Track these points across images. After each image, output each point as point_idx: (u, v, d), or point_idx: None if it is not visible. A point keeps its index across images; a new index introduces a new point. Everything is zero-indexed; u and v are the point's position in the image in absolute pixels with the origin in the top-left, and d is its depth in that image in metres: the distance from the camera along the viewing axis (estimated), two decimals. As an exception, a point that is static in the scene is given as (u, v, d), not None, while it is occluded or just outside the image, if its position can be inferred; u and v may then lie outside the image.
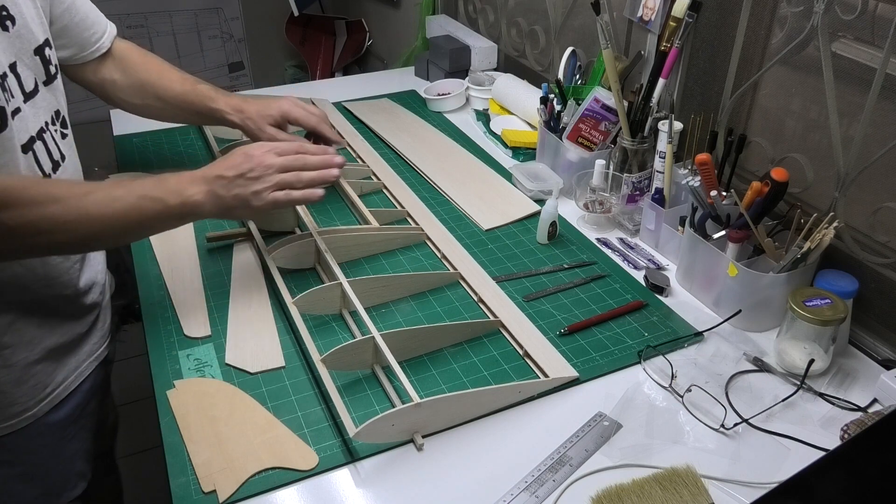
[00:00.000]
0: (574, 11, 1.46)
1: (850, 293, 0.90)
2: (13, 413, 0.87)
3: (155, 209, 0.83)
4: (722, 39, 1.11)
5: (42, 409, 0.90)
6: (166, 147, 1.39)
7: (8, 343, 0.85)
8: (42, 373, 0.89)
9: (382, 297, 0.99)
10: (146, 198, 0.83)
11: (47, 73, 0.88)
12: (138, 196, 0.82)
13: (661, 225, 1.10)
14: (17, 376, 0.86)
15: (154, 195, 0.83)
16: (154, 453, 0.84)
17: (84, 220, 0.79)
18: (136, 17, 2.46)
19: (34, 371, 0.88)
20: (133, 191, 0.83)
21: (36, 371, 0.88)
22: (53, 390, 0.91)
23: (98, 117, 2.38)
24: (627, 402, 0.85)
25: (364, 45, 2.52)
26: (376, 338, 0.85)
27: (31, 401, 0.89)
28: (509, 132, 1.42)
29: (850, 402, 0.85)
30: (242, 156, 0.89)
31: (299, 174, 0.91)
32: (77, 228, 0.79)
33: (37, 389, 0.89)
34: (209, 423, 0.80)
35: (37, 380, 0.89)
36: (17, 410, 0.88)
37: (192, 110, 1.16)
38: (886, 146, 0.89)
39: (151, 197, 0.83)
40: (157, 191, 0.84)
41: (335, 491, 0.74)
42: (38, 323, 0.88)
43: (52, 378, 0.91)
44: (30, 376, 0.88)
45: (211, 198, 0.86)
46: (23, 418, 0.88)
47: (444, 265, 1.07)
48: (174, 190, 0.85)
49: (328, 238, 1.03)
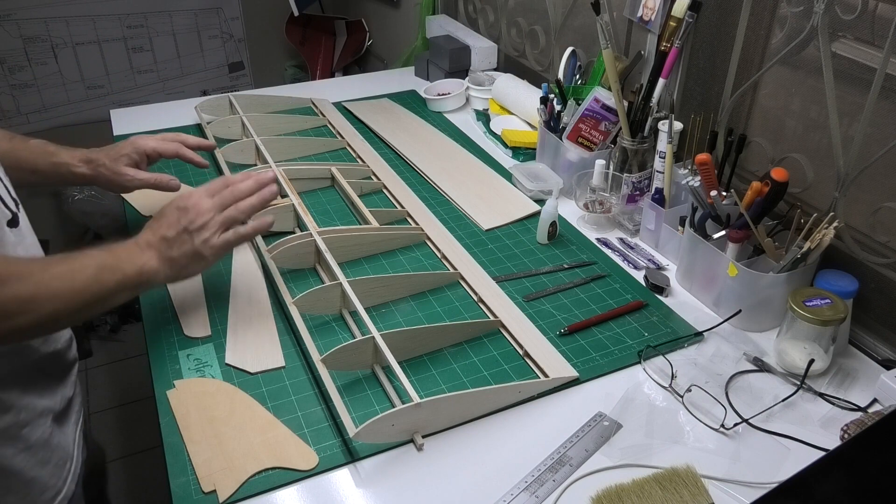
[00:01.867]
0: (574, 11, 1.46)
1: (850, 293, 0.90)
2: (47, 499, 0.82)
3: (114, 280, 0.78)
4: (722, 39, 1.11)
5: (70, 487, 0.85)
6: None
7: (25, 420, 0.79)
8: (59, 448, 0.84)
9: (382, 297, 0.99)
10: (105, 268, 0.78)
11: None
12: (97, 267, 0.77)
13: (661, 225, 1.10)
14: (40, 457, 0.81)
15: (112, 266, 0.78)
16: (154, 453, 0.84)
17: (48, 297, 0.73)
18: (136, 17, 2.45)
19: (52, 446, 0.83)
20: (88, 263, 0.77)
21: (53, 446, 0.83)
22: (73, 464, 0.87)
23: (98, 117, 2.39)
24: (627, 402, 0.85)
25: (364, 45, 2.52)
26: (376, 338, 0.85)
27: (59, 480, 0.84)
28: (509, 132, 1.42)
29: (850, 402, 0.85)
30: (176, 210, 0.85)
31: (238, 206, 0.88)
32: (42, 308, 0.72)
33: (58, 467, 0.84)
34: (209, 423, 0.80)
35: (57, 456, 0.84)
36: (49, 496, 0.82)
37: (28, 169, 0.98)
38: (886, 146, 0.89)
39: (110, 267, 0.78)
40: (113, 261, 0.79)
41: (335, 491, 0.74)
42: (39, 391, 0.82)
43: (66, 451, 0.86)
44: (50, 453, 0.82)
45: (163, 262, 0.82)
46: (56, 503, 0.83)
47: (444, 265, 1.08)
48: (128, 259, 0.80)
49: (328, 238, 1.03)
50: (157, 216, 0.86)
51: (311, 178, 1.25)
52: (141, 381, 2.07)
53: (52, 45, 2.39)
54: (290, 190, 1.15)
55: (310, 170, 1.25)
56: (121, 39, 2.47)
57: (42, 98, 2.43)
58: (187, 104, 1.53)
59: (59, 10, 2.35)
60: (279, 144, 1.33)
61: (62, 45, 2.40)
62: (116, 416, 2.09)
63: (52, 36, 2.37)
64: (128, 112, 1.56)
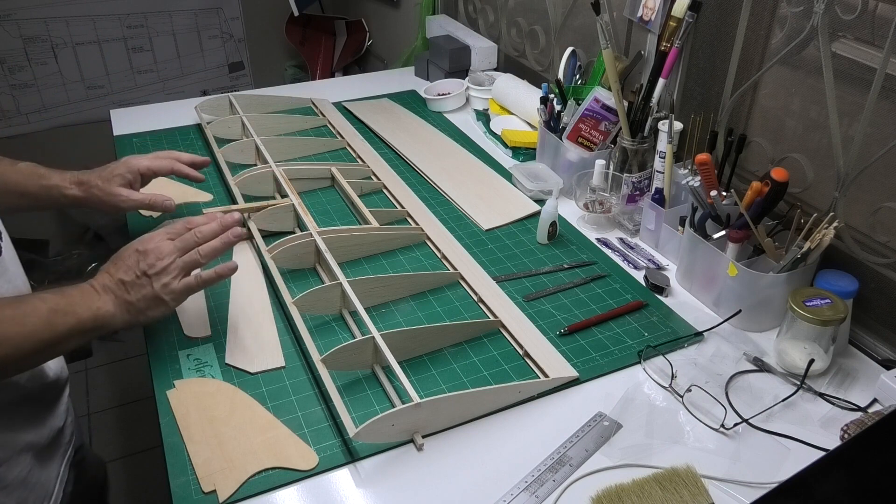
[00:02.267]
0: (574, 11, 1.46)
1: (850, 293, 0.90)
2: None
3: (67, 324, 0.75)
4: (722, 39, 1.11)
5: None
6: (166, 147, 1.39)
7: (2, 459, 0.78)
8: (37, 486, 0.83)
9: (382, 297, 0.99)
10: (57, 312, 0.75)
11: None
12: (49, 310, 0.74)
13: (661, 225, 1.10)
14: (16, 496, 0.79)
15: (64, 309, 0.75)
16: (154, 453, 0.84)
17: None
18: (136, 17, 2.45)
19: (31, 485, 0.81)
20: (39, 307, 0.74)
21: (32, 484, 0.82)
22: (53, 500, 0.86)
23: (98, 117, 2.39)
24: (627, 402, 0.85)
25: (364, 45, 2.52)
26: (376, 338, 0.85)
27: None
28: (509, 132, 1.42)
29: (850, 402, 0.85)
30: (135, 253, 0.83)
31: (200, 250, 0.85)
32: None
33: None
34: (209, 423, 0.80)
35: (35, 495, 0.82)
36: None
37: (16, 192, 0.97)
38: (886, 146, 0.89)
39: (63, 311, 0.75)
40: (66, 304, 0.76)
41: (335, 491, 0.74)
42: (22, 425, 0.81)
43: (45, 489, 0.85)
44: (27, 492, 0.81)
45: (120, 306, 0.79)
46: None
47: (444, 265, 1.08)
48: (81, 303, 0.77)
49: (328, 238, 1.03)
50: (114, 259, 0.84)
51: (311, 179, 1.25)
52: (141, 381, 2.07)
53: (52, 45, 2.39)
54: (290, 190, 1.15)
55: (310, 170, 1.25)
56: (121, 39, 2.47)
57: (42, 98, 2.43)
58: (187, 104, 1.53)
59: (59, 10, 2.35)
60: (279, 144, 1.33)
61: (62, 45, 2.40)
62: (116, 416, 2.09)
63: (52, 36, 2.38)
64: (128, 112, 1.56)
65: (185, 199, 1.21)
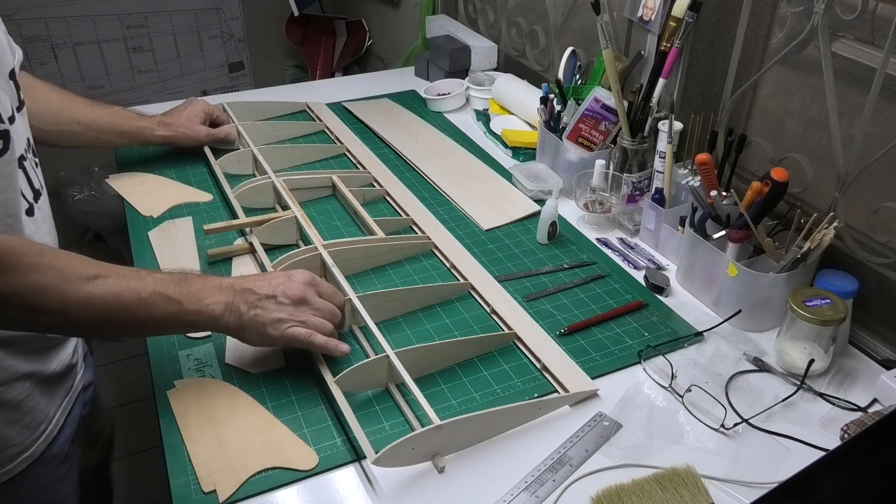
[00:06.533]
0: (574, 11, 1.46)
1: (850, 293, 0.90)
2: (11, 455, 0.82)
3: (166, 311, 0.76)
4: (722, 39, 1.11)
5: (38, 448, 0.85)
6: (166, 148, 1.38)
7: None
8: (35, 410, 0.84)
9: (392, 312, 0.96)
10: (161, 295, 0.75)
11: (19, 98, 0.83)
12: (152, 291, 0.75)
13: (661, 225, 1.10)
14: (8, 416, 0.81)
15: (171, 294, 0.76)
16: (154, 453, 0.84)
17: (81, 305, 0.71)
18: (136, 17, 2.45)
19: (27, 408, 0.83)
20: (147, 284, 0.75)
21: (29, 408, 0.83)
22: (50, 427, 0.87)
23: (98, 117, 2.39)
24: (627, 402, 0.85)
25: (364, 45, 2.52)
26: (391, 356, 0.82)
27: (27, 440, 0.84)
28: (509, 132, 1.42)
29: (850, 402, 0.85)
30: (284, 277, 0.83)
31: (326, 323, 0.84)
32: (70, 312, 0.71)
33: (28, 427, 0.84)
34: (209, 423, 0.80)
35: (30, 417, 0.84)
36: (14, 452, 0.82)
37: (116, 130, 1.18)
38: (886, 146, 0.89)
39: (167, 296, 0.76)
40: (176, 291, 0.77)
41: (335, 491, 0.74)
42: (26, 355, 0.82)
43: (43, 414, 0.86)
44: (22, 414, 0.83)
45: (230, 312, 0.80)
46: (20, 460, 0.83)
47: (453, 275, 1.05)
48: (194, 294, 0.78)
49: (334, 251, 1.00)
50: (268, 273, 0.86)
51: (311, 188, 1.23)
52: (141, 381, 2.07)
53: (52, 45, 2.39)
54: (292, 201, 1.12)
55: (310, 179, 1.22)
56: (121, 39, 2.47)
57: (42, 98, 2.43)
58: (187, 104, 1.53)
59: (59, 10, 2.35)
60: (277, 153, 1.31)
61: (62, 45, 2.40)
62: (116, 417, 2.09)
63: (52, 36, 2.38)
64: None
65: (185, 199, 1.21)
